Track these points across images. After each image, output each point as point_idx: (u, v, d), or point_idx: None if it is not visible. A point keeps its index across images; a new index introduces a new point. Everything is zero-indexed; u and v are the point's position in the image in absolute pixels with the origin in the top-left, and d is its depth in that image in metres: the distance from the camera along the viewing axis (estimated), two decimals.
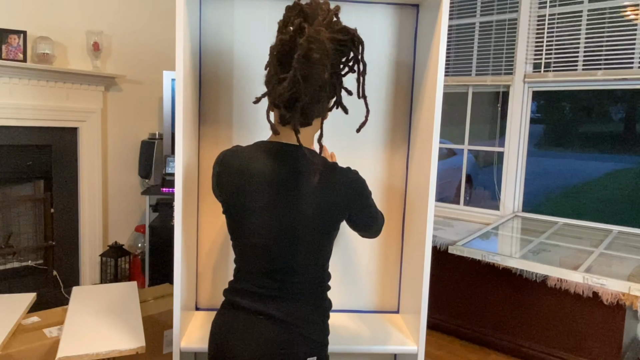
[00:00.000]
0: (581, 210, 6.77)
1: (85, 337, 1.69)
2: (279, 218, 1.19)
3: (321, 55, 1.08)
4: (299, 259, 1.21)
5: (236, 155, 1.24)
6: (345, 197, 1.22)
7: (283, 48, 1.12)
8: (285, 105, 1.14)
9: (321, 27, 1.10)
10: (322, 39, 1.08)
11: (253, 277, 1.23)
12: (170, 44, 3.76)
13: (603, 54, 2.94)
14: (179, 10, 1.43)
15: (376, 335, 1.63)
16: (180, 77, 1.46)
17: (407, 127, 1.78)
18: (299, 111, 1.14)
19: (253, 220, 1.20)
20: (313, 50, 1.07)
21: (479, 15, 3.46)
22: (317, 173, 1.16)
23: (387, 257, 1.82)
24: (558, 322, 2.51)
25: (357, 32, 1.17)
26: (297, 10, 1.14)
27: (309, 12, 1.13)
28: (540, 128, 8.89)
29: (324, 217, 1.20)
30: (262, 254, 1.21)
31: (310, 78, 1.10)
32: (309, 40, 1.07)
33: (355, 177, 1.25)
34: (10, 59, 2.81)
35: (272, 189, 1.19)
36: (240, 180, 1.21)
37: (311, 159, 1.19)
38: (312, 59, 1.08)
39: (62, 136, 3.17)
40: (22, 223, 3.18)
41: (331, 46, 1.10)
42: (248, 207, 1.20)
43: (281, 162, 1.20)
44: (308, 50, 1.07)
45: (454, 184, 5.22)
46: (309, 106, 1.15)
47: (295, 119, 1.14)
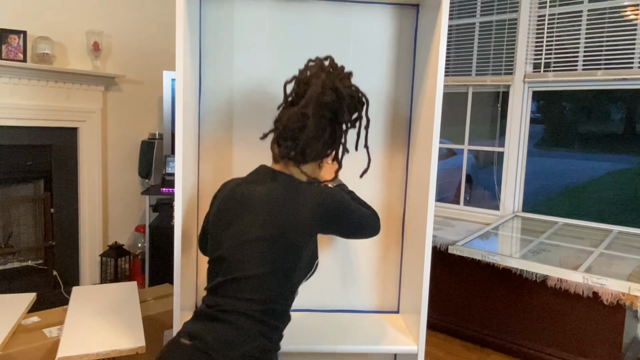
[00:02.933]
0: (581, 210, 6.77)
1: (85, 337, 1.69)
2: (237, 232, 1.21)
3: (331, 100, 1.22)
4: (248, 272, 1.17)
5: (233, 180, 1.34)
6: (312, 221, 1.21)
7: (298, 89, 1.27)
8: (287, 138, 1.24)
9: (336, 79, 1.25)
10: (334, 87, 1.23)
11: (205, 294, 1.23)
12: (170, 44, 3.76)
13: (603, 54, 2.94)
14: (179, 10, 1.43)
15: (376, 335, 1.63)
16: (180, 77, 1.46)
17: (407, 127, 1.78)
18: (299, 148, 1.24)
19: (218, 234, 1.25)
20: (325, 94, 1.21)
21: (479, 15, 3.46)
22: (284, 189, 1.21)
23: (387, 257, 1.82)
24: (558, 322, 2.51)
25: (363, 93, 1.32)
26: (317, 62, 1.30)
27: (327, 67, 1.28)
28: (540, 128, 8.89)
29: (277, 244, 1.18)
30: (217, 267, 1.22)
31: (316, 117, 1.22)
32: (323, 85, 1.22)
33: (328, 193, 1.25)
34: (10, 59, 2.81)
35: (241, 206, 1.24)
36: (221, 200, 1.29)
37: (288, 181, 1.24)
38: (322, 101, 1.21)
39: (62, 136, 3.17)
40: (22, 223, 3.18)
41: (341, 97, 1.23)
42: (217, 223, 1.26)
43: (259, 182, 1.26)
44: (321, 93, 1.21)
45: (454, 184, 5.22)
46: (307, 144, 1.24)
47: (291, 152, 1.25)
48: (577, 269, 2.34)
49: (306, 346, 1.54)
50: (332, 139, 1.28)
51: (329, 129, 1.26)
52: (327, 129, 1.25)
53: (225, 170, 1.76)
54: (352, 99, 1.28)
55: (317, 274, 1.80)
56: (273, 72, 1.73)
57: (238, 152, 1.75)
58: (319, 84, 1.22)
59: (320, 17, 1.71)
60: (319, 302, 1.82)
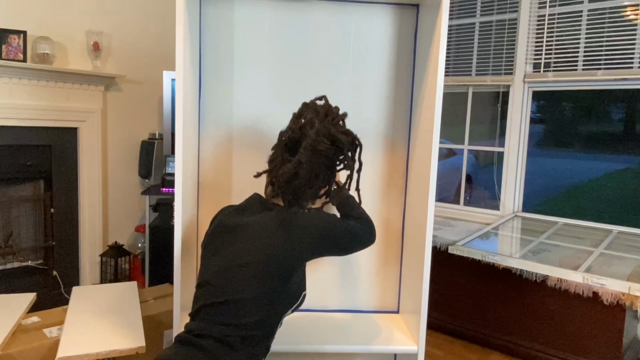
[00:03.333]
0: (581, 210, 6.77)
1: (85, 337, 1.69)
2: (224, 258, 1.22)
3: (325, 148, 1.26)
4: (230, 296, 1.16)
5: (230, 206, 1.37)
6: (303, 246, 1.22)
7: (293, 135, 1.31)
8: (281, 184, 1.28)
9: (330, 125, 1.29)
10: (329, 134, 1.27)
11: (189, 320, 1.23)
12: (170, 44, 3.76)
13: (603, 54, 2.94)
14: (179, 10, 1.43)
15: (376, 335, 1.63)
16: (180, 77, 1.46)
17: (407, 127, 1.78)
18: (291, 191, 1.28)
19: (206, 260, 1.26)
20: (319, 143, 1.25)
21: (479, 15, 3.46)
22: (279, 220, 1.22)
23: (387, 257, 1.82)
24: (558, 322, 2.51)
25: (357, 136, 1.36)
26: (312, 108, 1.34)
27: (321, 112, 1.32)
28: (540, 128, 8.89)
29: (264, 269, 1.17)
30: (200, 292, 1.22)
31: (311, 166, 1.26)
32: (318, 134, 1.26)
33: (315, 225, 1.25)
34: (10, 59, 2.81)
35: (231, 234, 1.26)
36: (213, 227, 1.32)
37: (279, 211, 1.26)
38: (317, 150, 1.25)
39: (62, 136, 3.17)
40: (22, 223, 3.18)
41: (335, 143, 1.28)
42: (207, 248, 1.28)
43: (253, 212, 1.30)
44: (315, 142, 1.25)
45: (454, 184, 5.22)
46: (302, 189, 1.28)
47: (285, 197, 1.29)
48: (577, 269, 2.34)
49: (306, 346, 1.54)
50: (325, 182, 1.33)
51: (322, 174, 1.30)
52: (320, 175, 1.29)
53: (225, 170, 1.76)
54: (346, 144, 1.31)
55: (317, 274, 1.80)
56: (273, 72, 1.73)
57: (238, 152, 1.75)
58: (314, 132, 1.26)
59: (320, 17, 1.71)
60: (319, 302, 1.82)
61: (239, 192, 1.77)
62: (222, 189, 1.76)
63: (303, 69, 1.73)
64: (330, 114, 1.33)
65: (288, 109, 1.75)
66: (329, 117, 1.31)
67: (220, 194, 1.77)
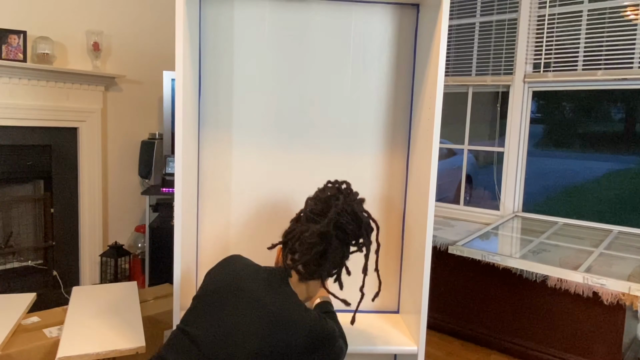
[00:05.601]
0: (581, 210, 6.77)
1: (85, 337, 1.69)
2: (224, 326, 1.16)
3: (347, 223, 1.28)
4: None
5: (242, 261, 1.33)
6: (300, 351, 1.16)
7: (315, 205, 1.32)
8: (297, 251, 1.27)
9: (353, 202, 1.32)
10: (352, 211, 1.29)
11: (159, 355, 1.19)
12: (170, 44, 3.76)
13: (603, 54, 2.94)
14: (179, 10, 1.43)
15: (376, 335, 1.63)
16: (180, 77, 1.46)
17: (407, 127, 1.78)
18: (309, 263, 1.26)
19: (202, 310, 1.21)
20: (342, 217, 1.27)
21: (479, 15, 3.46)
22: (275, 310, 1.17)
23: (387, 257, 1.82)
24: (558, 322, 2.51)
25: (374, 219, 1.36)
26: (335, 185, 1.38)
27: (344, 190, 1.36)
28: (540, 128, 8.89)
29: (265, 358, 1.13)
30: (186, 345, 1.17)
31: (331, 237, 1.26)
32: (343, 208, 1.28)
33: (320, 333, 1.20)
34: (10, 59, 2.81)
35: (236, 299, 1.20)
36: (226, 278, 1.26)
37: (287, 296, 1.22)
38: (339, 223, 1.27)
39: (62, 136, 3.17)
40: (22, 223, 3.18)
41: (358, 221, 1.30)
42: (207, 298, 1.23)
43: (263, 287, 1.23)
44: (339, 214, 1.27)
45: (454, 184, 5.22)
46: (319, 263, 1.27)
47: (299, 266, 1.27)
48: (577, 269, 2.34)
49: None
50: (340, 260, 1.33)
51: (340, 250, 1.30)
52: (338, 250, 1.29)
53: (225, 170, 1.76)
54: (366, 224, 1.33)
55: None
56: (273, 72, 1.73)
57: (238, 152, 1.75)
58: (339, 205, 1.28)
59: (320, 17, 1.71)
60: None
61: (239, 192, 1.77)
62: (222, 188, 1.76)
63: (303, 68, 1.73)
64: (351, 193, 1.36)
65: (288, 109, 1.75)
66: (351, 196, 1.34)
67: (220, 193, 1.77)
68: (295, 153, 1.76)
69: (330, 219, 1.26)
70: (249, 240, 1.79)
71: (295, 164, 1.76)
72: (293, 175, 1.77)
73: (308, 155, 1.76)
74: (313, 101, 1.74)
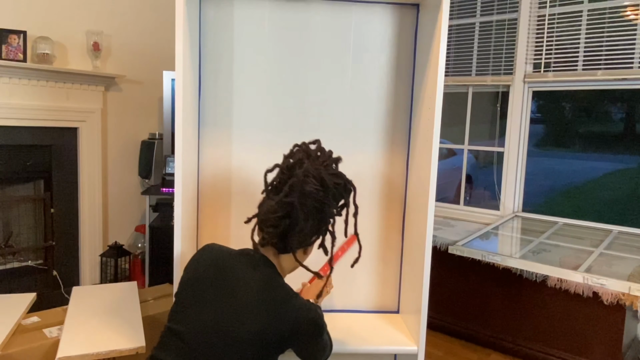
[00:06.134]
0: (581, 210, 6.76)
1: (85, 337, 1.69)
2: (207, 314, 1.14)
3: (314, 189, 1.18)
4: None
5: (216, 248, 1.28)
6: (285, 336, 1.14)
7: (282, 174, 1.25)
8: (269, 225, 1.21)
9: (320, 167, 1.23)
10: (318, 175, 1.20)
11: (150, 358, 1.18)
12: (170, 44, 3.76)
13: (603, 54, 2.94)
14: (179, 10, 1.43)
15: (376, 335, 1.63)
16: (180, 77, 1.46)
17: (407, 127, 1.78)
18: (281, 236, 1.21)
19: (183, 307, 1.19)
20: (307, 183, 1.18)
21: (479, 15, 3.46)
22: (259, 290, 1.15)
23: (387, 257, 1.82)
24: (558, 322, 2.51)
25: (349, 180, 1.28)
26: (302, 148, 1.29)
27: (312, 153, 1.27)
28: (540, 128, 8.88)
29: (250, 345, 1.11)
30: (174, 343, 1.16)
31: (299, 207, 1.18)
32: (306, 174, 1.19)
33: (306, 316, 1.17)
34: (10, 59, 2.81)
35: (216, 288, 1.17)
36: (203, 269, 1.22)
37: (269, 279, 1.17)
38: (305, 191, 1.18)
39: (62, 136, 3.17)
40: (22, 223, 3.18)
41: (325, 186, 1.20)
42: (190, 291, 1.20)
43: (242, 266, 1.20)
44: (303, 182, 1.18)
45: (454, 184, 5.21)
46: (289, 234, 1.20)
47: (273, 240, 1.21)
48: (577, 269, 2.34)
49: None
50: (316, 228, 1.24)
51: (313, 218, 1.21)
52: (310, 219, 1.20)
53: (225, 170, 1.76)
54: (338, 188, 1.24)
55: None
56: (273, 72, 1.73)
57: (238, 152, 1.75)
58: (302, 172, 1.20)
59: (320, 17, 1.71)
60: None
61: (239, 192, 1.77)
62: (221, 188, 1.76)
63: (303, 68, 1.73)
64: (322, 156, 1.27)
65: (288, 109, 1.75)
66: (321, 159, 1.25)
67: (220, 193, 1.77)
68: None
69: (292, 189, 1.18)
70: (249, 240, 1.79)
71: None
72: None
73: None
74: (313, 101, 1.74)
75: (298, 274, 1.47)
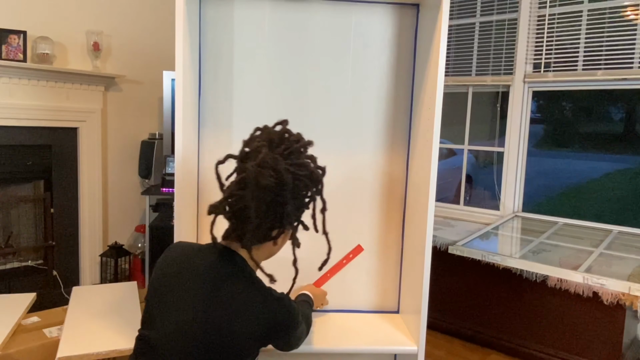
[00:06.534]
0: (581, 210, 6.77)
1: (85, 337, 1.69)
2: (175, 322, 1.07)
3: (270, 183, 1.06)
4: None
5: (181, 246, 1.21)
6: (259, 332, 1.08)
7: (241, 161, 1.15)
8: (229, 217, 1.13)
9: (280, 156, 1.09)
10: (275, 167, 1.07)
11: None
12: (170, 44, 3.76)
13: (603, 54, 2.94)
14: (179, 10, 1.43)
15: (376, 335, 1.63)
16: (180, 77, 1.46)
17: (407, 127, 1.78)
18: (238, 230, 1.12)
19: (151, 311, 1.13)
20: (263, 176, 1.06)
21: (479, 15, 3.46)
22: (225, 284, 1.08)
23: (387, 257, 1.82)
24: (558, 322, 2.51)
25: (316, 170, 1.14)
26: (264, 134, 1.15)
27: (274, 139, 1.13)
28: (540, 128, 8.88)
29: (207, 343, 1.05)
30: (145, 349, 1.11)
31: (253, 202, 1.07)
32: (262, 164, 1.07)
33: (279, 310, 1.11)
34: (10, 59, 2.81)
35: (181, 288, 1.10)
36: (167, 268, 1.16)
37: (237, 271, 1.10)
38: (260, 185, 1.06)
39: (62, 136, 3.17)
40: (22, 223, 3.18)
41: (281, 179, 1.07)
42: (155, 293, 1.14)
43: (207, 264, 1.12)
44: (258, 175, 1.06)
45: (454, 184, 5.21)
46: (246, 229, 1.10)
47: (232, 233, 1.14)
48: (577, 269, 2.34)
49: (306, 346, 1.54)
50: (278, 222, 1.13)
51: (271, 213, 1.10)
52: (267, 214, 1.09)
53: (225, 170, 1.75)
54: (301, 179, 1.11)
55: (317, 274, 1.79)
56: (273, 72, 1.73)
57: (237, 151, 1.75)
58: (256, 164, 1.08)
59: (320, 17, 1.71)
60: None
61: None
62: None
63: (303, 68, 1.73)
64: (284, 141, 1.13)
65: (287, 109, 1.75)
66: (283, 146, 1.12)
67: (220, 193, 1.76)
68: None
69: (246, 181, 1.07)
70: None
71: None
72: None
73: None
74: (313, 101, 1.74)
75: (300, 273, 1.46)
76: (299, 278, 1.39)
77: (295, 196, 1.12)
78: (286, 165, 1.08)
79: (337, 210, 1.78)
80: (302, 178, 1.11)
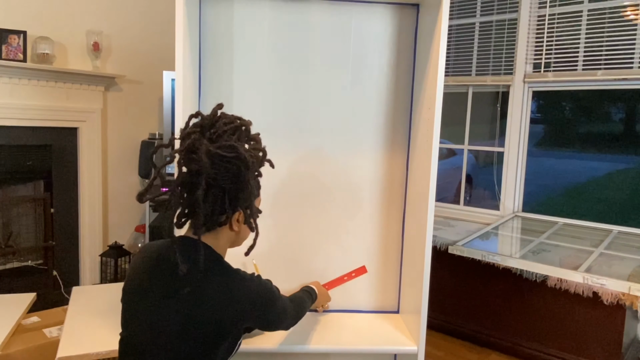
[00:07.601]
0: (581, 210, 6.77)
1: (85, 337, 1.69)
2: (152, 319, 1.08)
3: (199, 167, 1.04)
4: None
5: (148, 245, 1.21)
6: (235, 313, 1.08)
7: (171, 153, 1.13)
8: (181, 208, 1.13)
9: (207, 140, 1.07)
10: (201, 151, 1.04)
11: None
12: (170, 44, 3.76)
13: (603, 54, 2.94)
14: (179, 10, 1.43)
15: (376, 335, 1.63)
16: (180, 77, 1.46)
17: (407, 127, 1.78)
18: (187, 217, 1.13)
19: (126, 312, 1.14)
20: (192, 161, 1.05)
21: (479, 15, 3.46)
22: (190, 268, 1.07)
23: (387, 257, 1.82)
24: (558, 322, 2.51)
25: (246, 153, 1.09)
26: (198, 118, 1.13)
27: (207, 123, 1.11)
28: (540, 128, 8.88)
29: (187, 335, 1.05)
30: (125, 350, 1.11)
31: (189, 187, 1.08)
32: (189, 150, 1.06)
33: (252, 288, 1.12)
34: (10, 59, 2.81)
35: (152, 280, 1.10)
36: (136, 266, 1.16)
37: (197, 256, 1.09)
38: (191, 169, 1.06)
39: (62, 136, 3.17)
40: (22, 223, 3.18)
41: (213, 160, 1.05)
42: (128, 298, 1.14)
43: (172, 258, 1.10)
44: (188, 160, 1.06)
45: (454, 184, 5.21)
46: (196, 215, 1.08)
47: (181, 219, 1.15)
48: (577, 269, 2.34)
49: (306, 346, 1.54)
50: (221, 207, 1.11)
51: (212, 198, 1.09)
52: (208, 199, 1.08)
53: None
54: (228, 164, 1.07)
55: (317, 274, 1.79)
56: (273, 72, 1.73)
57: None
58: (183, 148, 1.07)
59: (320, 17, 1.71)
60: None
61: None
62: None
63: (303, 68, 1.73)
64: (216, 125, 1.10)
65: (287, 109, 1.75)
66: (212, 130, 1.09)
67: None
68: (294, 153, 1.76)
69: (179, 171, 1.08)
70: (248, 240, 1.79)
71: (294, 164, 1.76)
72: (293, 175, 1.77)
73: (307, 155, 1.76)
74: (313, 101, 1.74)
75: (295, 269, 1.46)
76: (299, 278, 1.39)
77: (234, 180, 1.09)
78: (210, 148, 1.05)
79: (337, 210, 1.78)
80: (232, 160, 1.07)
